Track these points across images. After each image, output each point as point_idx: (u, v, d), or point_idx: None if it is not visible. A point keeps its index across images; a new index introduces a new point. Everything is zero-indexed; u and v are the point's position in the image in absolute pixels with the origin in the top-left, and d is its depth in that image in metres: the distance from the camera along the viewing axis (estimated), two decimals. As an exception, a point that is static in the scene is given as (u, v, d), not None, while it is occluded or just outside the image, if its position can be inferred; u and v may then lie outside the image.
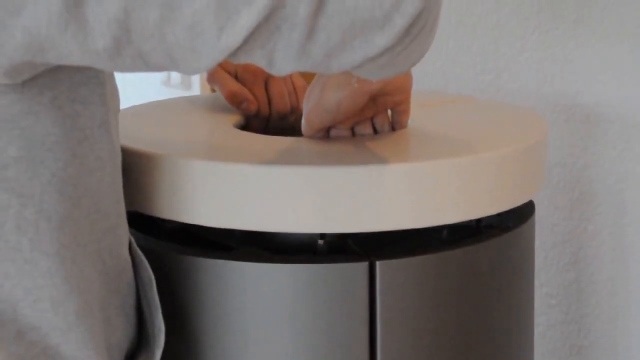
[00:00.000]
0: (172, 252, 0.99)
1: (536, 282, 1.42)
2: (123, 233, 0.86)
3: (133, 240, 0.90)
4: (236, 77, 1.16)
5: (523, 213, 1.08)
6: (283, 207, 0.94)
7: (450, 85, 1.50)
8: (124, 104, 3.12)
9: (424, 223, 0.96)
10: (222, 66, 1.16)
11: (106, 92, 0.80)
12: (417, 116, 1.16)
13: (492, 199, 1.00)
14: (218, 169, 0.95)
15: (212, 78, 1.17)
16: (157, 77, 2.72)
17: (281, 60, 0.69)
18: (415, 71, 1.51)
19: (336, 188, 0.93)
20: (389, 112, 1.04)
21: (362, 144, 1.03)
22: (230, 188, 0.94)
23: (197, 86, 2.55)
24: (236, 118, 1.17)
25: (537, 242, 1.41)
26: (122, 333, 0.86)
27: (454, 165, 0.96)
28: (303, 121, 1.01)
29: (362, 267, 0.96)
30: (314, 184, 0.93)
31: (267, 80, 1.16)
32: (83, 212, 0.79)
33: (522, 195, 1.04)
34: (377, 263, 0.96)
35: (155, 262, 0.98)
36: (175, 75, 2.64)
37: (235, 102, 1.15)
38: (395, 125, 1.05)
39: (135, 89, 2.80)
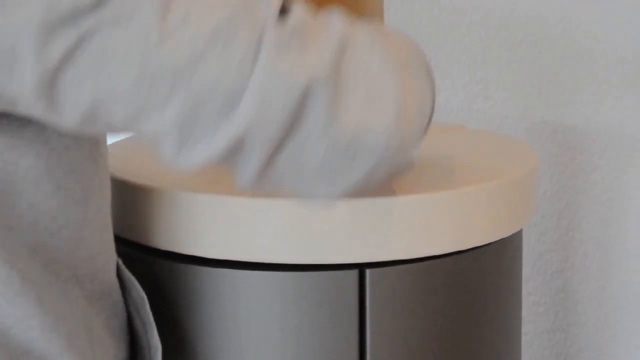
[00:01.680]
0: (162, 260, 0.99)
1: (523, 291, 1.43)
2: (107, 259, 0.84)
3: (121, 262, 0.89)
4: None
5: (511, 222, 1.09)
6: (281, 239, 0.94)
7: (439, 95, 1.52)
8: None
9: (415, 254, 0.97)
10: None
11: None
12: None
13: (484, 231, 1.01)
14: (216, 202, 0.95)
15: None
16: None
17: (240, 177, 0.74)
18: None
19: (331, 220, 0.94)
20: None
21: None
22: (230, 221, 0.95)
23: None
24: None
25: (525, 251, 1.42)
26: (113, 353, 0.85)
27: (446, 198, 0.97)
28: None
29: (352, 274, 0.96)
30: (311, 216, 0.94)
31: None
32: (62, 242, 0.77)
33: (513, 226, 1.05)
34: (367, 271, 0.97)
35: (147, 270, 0.98)
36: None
37: None
38: None
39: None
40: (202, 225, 0.97)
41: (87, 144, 0.78)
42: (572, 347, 1.39)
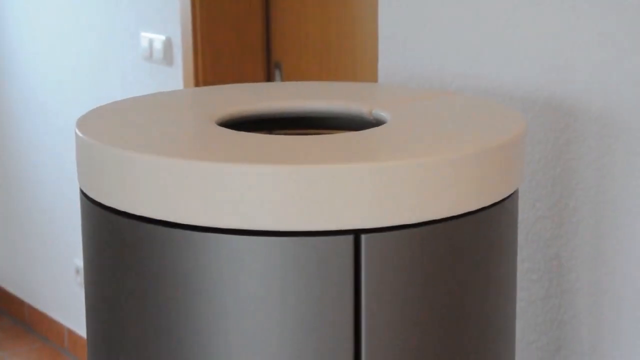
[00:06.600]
0: (161, 227, 0.99)
1: (518, 258, 1.43)
2: None
3: None
4: None
5: (506, 188, 1.09)
6: (278, 205, 0.94)
7: (434, 61, 1.51)
8: (106, 79, 3.12)
9: (410, 220, 0.98)
10: None
11: None
12: (401, 111, 1.16)
13: (476, 195, 1.01)
14: (212, 170, 0.95)
15: None
16: (139, 52, 2.70)
17: None
18: (397, 50, 1.51)
19: (327, 186, 0.94)
20: None
21: (343, 142, 1.04)
22: (226, 189, 0.95)
23: (179, 62, 2.54)
24: (219, 114, 1.18)
25: (519, 218, 1.42)
26: None
27: (438, 163, 0.97)
28: None
29: (347, 240, 0.96)
30: (307, 183, 0.94)
31: None
32: None
33: (504, 190, 1.06)
34: (362, 236, 0.97)
35: (144, 237, 0.98)
36: (157, 50, 2.62)
37: None
38: None
39: (117, 64, 2.79)
40: (201, 193, 0.96)
41: None
42: (565, 313, 1.39)
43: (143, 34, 2.67)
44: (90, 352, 1.13)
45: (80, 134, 1.07)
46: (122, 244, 1.02)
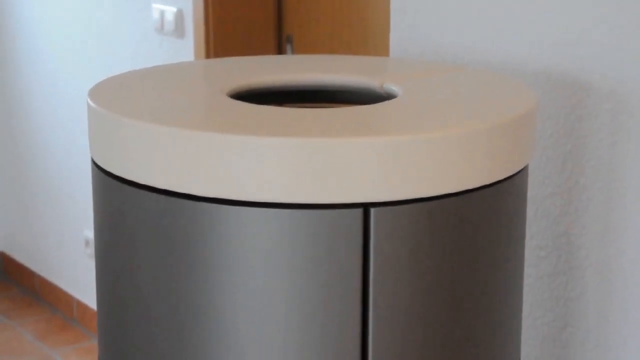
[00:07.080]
0: (171, 198, 0.99)
1: (527, 234, 1.43)
2: None
3: None
4: None
5: (516, 164, 1.09)
6: (287, 178, 0.94)
7: (446, 36, 1.50)
8: (117, 51, 3.11)
9: (419, 194, 0.98)
10: None
11: None
12: (412, 85, 1.16)
13: (485, 171, 1.01)
14: (223, 141, 0.95)
15: None
16: (150, 24, 2.70)
17: None
18: (409, 24, 1.50)
19: (337, 159, 0.94)
20: None
21: (353, 116, 1.04)
22: (237, 160, 0.95)
23: (190, 34, 2.54)
24: (229, 86, 1.18)
25: (529, 195, 1.42)
26: None
27: (449, 138, 0.97)
28: None
29: (356, 213, 0.97)
30: (317, 155, 0.94)
31: None
32: None
33: (513, 166, 1.06)
34: (372, 210, 0.97)
35: (155, 208, 0.98)
36: (168, 22, 2.62)
37: None
38: None
39: (129, 36, 2.79)
40: (211, 165, 0.96)
41: None
42: (572, 291, 1.39)
43: (154, 5, 2.67)
44: (99, 323, 1.14)
45: (92, 104, 1.07)
46: (133, 214, 1.02)
